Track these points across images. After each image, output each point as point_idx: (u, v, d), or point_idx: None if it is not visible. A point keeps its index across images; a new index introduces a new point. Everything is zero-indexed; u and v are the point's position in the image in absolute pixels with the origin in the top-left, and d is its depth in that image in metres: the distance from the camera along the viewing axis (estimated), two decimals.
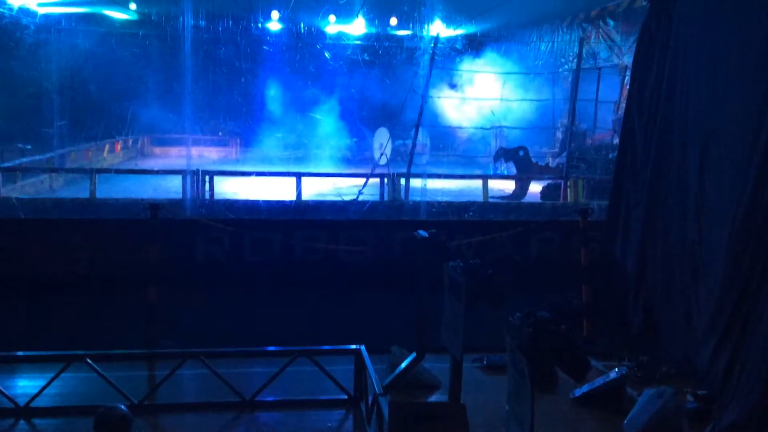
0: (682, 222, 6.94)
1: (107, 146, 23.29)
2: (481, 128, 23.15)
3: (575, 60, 18.64)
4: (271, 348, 6.28)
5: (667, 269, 7.17)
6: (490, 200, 16.40)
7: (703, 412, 5.81)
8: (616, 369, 6.44)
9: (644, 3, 8.15)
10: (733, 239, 5.92)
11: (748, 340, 5.58)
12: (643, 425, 5.53)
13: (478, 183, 17.17)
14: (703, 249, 6.52)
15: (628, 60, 18.19)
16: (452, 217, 13.59)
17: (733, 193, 5.98)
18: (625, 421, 5.70)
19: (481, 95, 22.79)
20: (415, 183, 15.94)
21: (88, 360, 5.86)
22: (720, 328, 5.97)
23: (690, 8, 7.13)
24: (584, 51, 19.39)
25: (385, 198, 15.49)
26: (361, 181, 16.19)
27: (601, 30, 21.14)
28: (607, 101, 20.22)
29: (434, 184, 16.45)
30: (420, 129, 18.03)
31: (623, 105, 18.33)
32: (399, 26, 24.90)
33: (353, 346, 6.16)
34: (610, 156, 17.17)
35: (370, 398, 5.65)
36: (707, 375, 6.11)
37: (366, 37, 25.73)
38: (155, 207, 7.81)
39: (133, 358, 6.71)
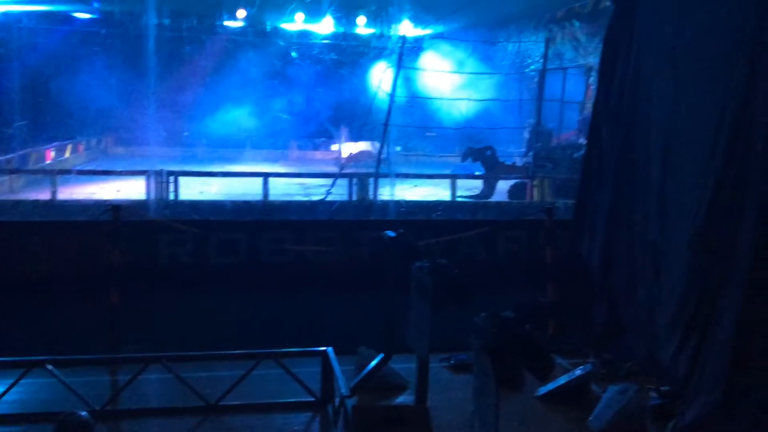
0: (645, 221, 7.02)
1: (69, 147, 22.86)
2: (450, 128, 23.25)
3: (542, 60, 18.80)
4: (236, 351, 6.20)
5: (631, 268, 7.25)
6: (458, 199, 16.48)
7: (666, 408, 5.88)
8: (581, 366, 6.49)
9: (608, 4, 8.23)
10: (695, 239, 6.00)
11: (710, 338, 5.66)
12: (608, 421, 5.59)
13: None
14: (666, 247, 6.61)
15: (593, 60, 18.42)
16: (420, 216, 13.62)
17: (694, 193, 6.06)
18: (591, 418, 5.75)
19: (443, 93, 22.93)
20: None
21: (49, 366, 5.73)
22: (682, 326, 6.06)
23: (652, 9, 7.22)
24: (550, 51, 19.59)
25: (354, 198, 15.47)
26: (329, 180, 16.14)
27: (567, 31, 21.39)
28: (573, 101, 20.44)
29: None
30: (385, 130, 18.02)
31: (588, 105, 18.59)
32: (367, 26, 24.87)
33: (320, 348, 6.11)
34: (576, 155, 17.36)
35: (336, 400, 5.62)
36: (670, 372, 6.19)
37: (334, 36, 25.65)
38: (117, 208, 7.67)
39: (95, 363, 6.58)
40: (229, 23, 24.35)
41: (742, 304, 5.24)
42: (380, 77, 18.30)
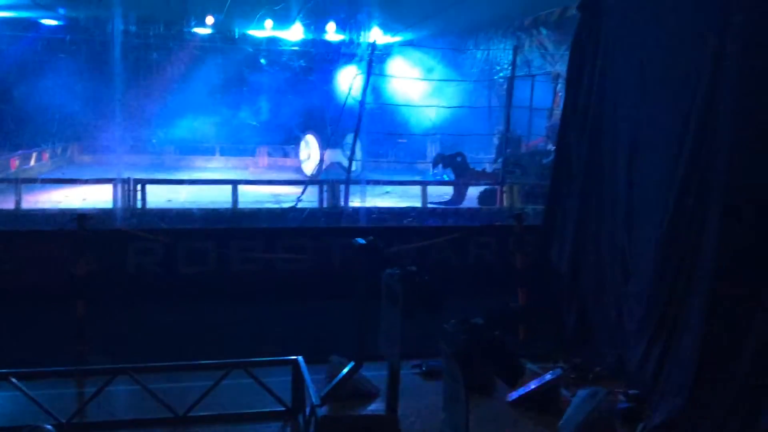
0: (612, 227, 7.11)
1: (34, 155, 22.43)
2: (420, 135, 23.34)
3: (510, 68, 18.96)
4: (205, 361, 6.13)
5: (599, 273, 7.34)
6: (429, 206, 16.51)
7: (635, 411, 5.96)
8: (552, 371, 6.54)
9: (575, 13, 8.34)
10: (660, 244, 6.09)
11: (676, 342, 5.75)
12: (577, 425, 5.63)
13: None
14: (632, 253, 6.70)
15: (560, 68, 18.65)
16: (391, 222, 13.61)
17: (660, 200, 6.16)
18: (561, 422, 5.79)
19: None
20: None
21: (13, 379, 5.61)
22: (649, 330, 6.14)
23: (618, 19, 7.33)
24: (518, 59, 19.77)
25: (325, 205, 15.41)
26: (300, 188, 16.07)
27: (534, 38, 21.62)
28: (541, 108, 20.63)
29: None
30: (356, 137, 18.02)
31: (556, 112, 18.79)
32: (337, 32, 24.89)
33: (290, 357, 6.07)
34: (544, 162, 17.52)
35: (307, 410, 5.58)
36: (638, 375, 6.26)
37: (303, 43, 25.61)
38: (83, 217, 7.55)
39: (61, 376, 6.45)
40: (198, 30, 24.17)
41: (707, 308, 5.32)
42: (350, 84, 18.30)
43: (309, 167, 23.14)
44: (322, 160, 21.38)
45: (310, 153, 23.68)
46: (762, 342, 4.75)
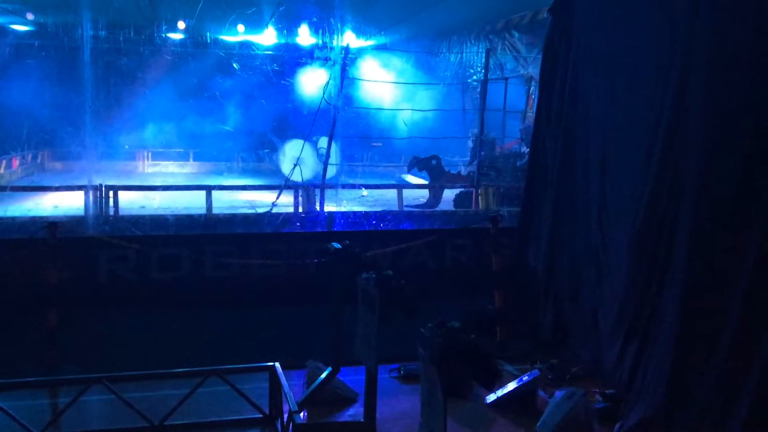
0: (586, 227, 7.17)
1: (3, 162, 22.08)
2: (395, 138, 23.39)
3: (483, 71, 19.08)
4: (181, 369, 6.05)
5: (575, 273, 7.39)
6: (405, 209, 16.54)
7: (612, 410, 6.00)
8: (529, 372, 6.57)
9: (546, 16, 8.41)
10: (633, 244, 6.15)
11: (651, 341, 5.81)
12: (555, 426, 5.66)
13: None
14: (606, 253, 6.75)
15: (533, 70, 18.82)
16: (368, 226, 13.59)
17: (632, 201, 6.22)
18: (539, 423, 5.82)
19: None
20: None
21: None
22: (624, 330, 6.20)
23: (588, 22, 7.40)
24: (491, 62, 19.89)
25: (300, 209, 15.35)
26: (275, 192, 15.98)
27: (507, 42, 21.79)
28: (515, 111, 20.79)
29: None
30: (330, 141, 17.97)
31: (530, 114, 18.96)
32: (310, 37, 24.85)
33: (267, 364, 6.02)
34: (518, 164, 17.68)
35: (285, 416, 5.54)
36: (614, 375, 6.31)
37: (277, 47, 25.53)
38: (54, 225, 7.43)
39: (34, 386, 6.33)
40: (170, 35, 23.98)
41: (680, 308, 5.38)
42: (323, 88, 18.27)
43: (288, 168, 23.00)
44: (296, 165, 21.27)
45: (293, 157, 23.55)
46: (734, 341, 4.81)
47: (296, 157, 19.46)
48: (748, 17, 4.96)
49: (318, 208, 15.51)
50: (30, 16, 22.36)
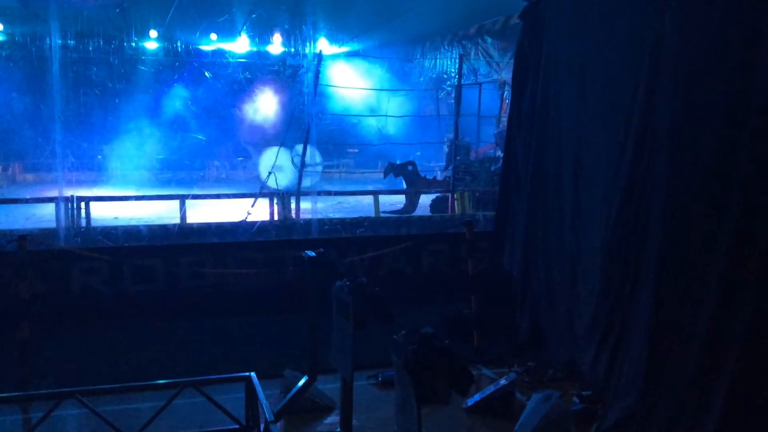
0: (560, 229, 7.21)
1: None
2: (370, 144, 23.40)
3: (457, 76, 19.18)
4: (155, 381, 5.97)
5: (550, 276, 7.43)
6: (382, 215, 16.53)
7: (589, 412, 6.03)
8: (506, 376, 6.59)
9: (518, 21, 8.48)
10: (606, 245, 6.20)
11: (626, 341, 5.85)
12: (533, 429, 5.68)
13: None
14: (580, 255, 6.80)
15: (506, 75, 18.95)
16: (344, 233, 13.56)
17: (605, 204, 6.27)
18: (516, 426, 5.83)
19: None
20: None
21: None
22: (599, 331, 6.24)
23: (558, 26, 7.46)
24: (465, 67, 20.01)
25: (276, 217, 15.28)
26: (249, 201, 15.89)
27: (480, 47, 21.93)
28: (489, 116, 20.93)
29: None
30: (309, 147, 17.95)
31: (503, 119, 19.07)
32: (283, 44, 24.81)
33: (243, 374, 5.96)
34: (493, 168, 17.77)
35: (261, 426, 5.49)
36: (590, 376, 6.35)
37: (249, 55, 25.43)
38: (23, 238, 7.32)
39: (5, 402, 6.21)
40: (145, 44, 23.78)
41: (653, 308, 5.42)
42: (297, 95, 18.25)
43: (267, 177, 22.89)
44: (271, 172, 21.17)
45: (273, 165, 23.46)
46: (707, 341, 4.86)
47: (272, 165, 19.42)
48: (714, 19, 5.03)
49: (293, 215, 15.46)
50: None
